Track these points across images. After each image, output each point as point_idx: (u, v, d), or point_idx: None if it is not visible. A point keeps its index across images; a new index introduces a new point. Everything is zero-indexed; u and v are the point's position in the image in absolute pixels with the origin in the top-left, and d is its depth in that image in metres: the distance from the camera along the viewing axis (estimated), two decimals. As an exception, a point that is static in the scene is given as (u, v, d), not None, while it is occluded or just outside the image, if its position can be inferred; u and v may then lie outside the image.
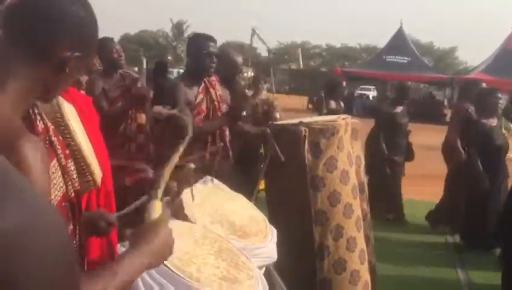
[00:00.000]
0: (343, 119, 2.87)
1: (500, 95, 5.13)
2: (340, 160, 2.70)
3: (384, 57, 24.43)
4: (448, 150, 5.50)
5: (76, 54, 1.01)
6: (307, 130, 2.66)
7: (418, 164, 6.29)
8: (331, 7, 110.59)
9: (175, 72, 18.38)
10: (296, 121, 2.82)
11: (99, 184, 1.32)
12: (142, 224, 1.20)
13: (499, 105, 5.10)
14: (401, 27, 25.13)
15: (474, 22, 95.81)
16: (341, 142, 2.72)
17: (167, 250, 1.13)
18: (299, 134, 2.66)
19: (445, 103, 27.17)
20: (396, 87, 6.27)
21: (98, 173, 1.30)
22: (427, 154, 6.39)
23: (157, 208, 1.28)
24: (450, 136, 5.41)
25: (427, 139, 6.23)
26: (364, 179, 3.34)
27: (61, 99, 1.28)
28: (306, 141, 2.65)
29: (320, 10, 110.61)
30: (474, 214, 4.72)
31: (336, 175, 2.68)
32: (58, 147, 1.15)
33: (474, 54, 49.45)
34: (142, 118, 3.85)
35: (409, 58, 23.72)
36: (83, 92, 3.49)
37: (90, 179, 1.26)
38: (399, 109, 5.77)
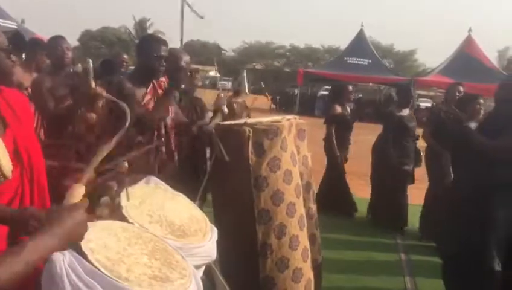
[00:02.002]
0: (288, 120, 2.93)
1: (482, 100, 5.14)
2: (283, 160, 2.75)
3: (345, 58, 24.85)
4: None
5: None
6: (251, 130, 2.70)
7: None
8: (296, 8, 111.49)
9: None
10: (240, 121, 2.87)
11: (9, 176, 1.32)
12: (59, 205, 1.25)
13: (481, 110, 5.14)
14: (361, 30, 25.61)
15: (434, 26, 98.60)
16: (284, 142, 2.77)
17: (78, 234, 1.20)
18: (243, 134, 2.70)
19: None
20: (398, 90, 6.30)
21: (6, 164, 1.31)
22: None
23: (79, 192, 1.32)
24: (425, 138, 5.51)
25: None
26: (312, 178, 3.40)
27: None
28: (250, 142, 2.70)
29: (285, 11, 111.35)
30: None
31: (279, 175, 2.74)
32: None
33: (433, 56, 50.88)
34: (92, 117, 3.80)
35: (370, 61, 24.21)
36: (28, 91, 3.43)
37: None
38: (405, 111, 5.81)
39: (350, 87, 6.45)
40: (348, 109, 6.36)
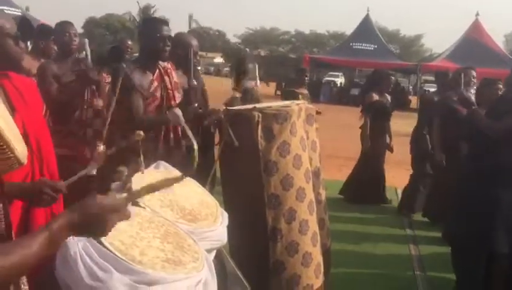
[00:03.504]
0: (297, 104, 2.92)
1: (500, 85, 4.95)
2: (292, 145, 2.74)
3: (351, 44, 24.68)
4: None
5: None
6: (260, 115, 2.69)
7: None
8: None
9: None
10: (250, 106, 2.85)
11: (24, 161, 1.31)
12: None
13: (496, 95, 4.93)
14: (367, 15, 25.40)
15: (441, 11, 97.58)
16: (294, 127, 2.76)
17: (102, 224, 1.10)
18: (252, 119, 2.69)
19: (411, 89, 27.67)
20: (436, 75, 6.07)
21: (21, 149, 1.29)
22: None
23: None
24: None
25: (392, 126, 6.31)
26: (321, 163, 3.39)
27: None
28: (259, 126, 2.68)
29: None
30: None
31: (289, 160, 2.73)
32: None
33: (440, 41, 50.36)
34: (99, 103, 3.79)
35: (375, 46, 24.03)
36: (34, 78, 3.42)
37: (11, 155, 1.25)
38: None
39: (392, 76, 6.32)
40: (388, 97, 6.16)
